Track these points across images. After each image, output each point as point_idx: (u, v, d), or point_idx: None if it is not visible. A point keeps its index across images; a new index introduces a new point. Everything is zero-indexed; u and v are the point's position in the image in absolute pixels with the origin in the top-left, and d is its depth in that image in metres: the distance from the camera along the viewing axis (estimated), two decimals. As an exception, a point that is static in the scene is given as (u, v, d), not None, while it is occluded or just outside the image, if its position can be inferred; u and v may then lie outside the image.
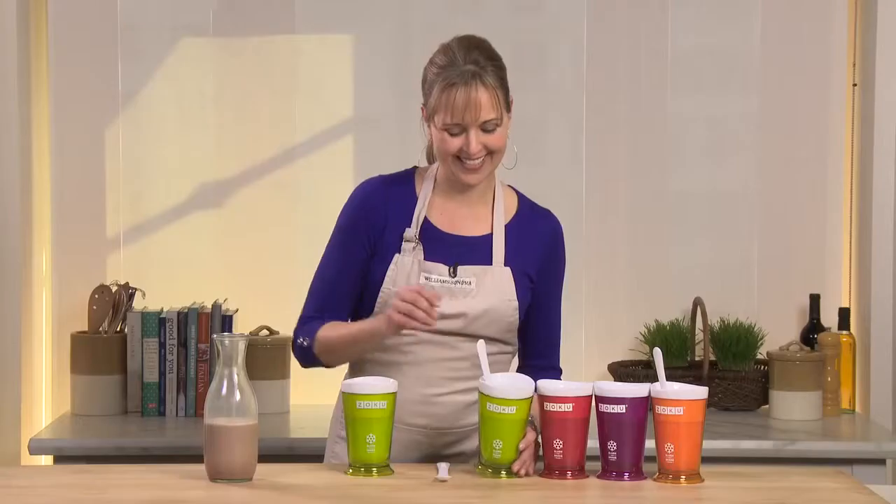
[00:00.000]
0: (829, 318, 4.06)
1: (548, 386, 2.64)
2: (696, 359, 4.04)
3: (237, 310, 3.98)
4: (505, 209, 2.94)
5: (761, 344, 4.00)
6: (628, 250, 4.17)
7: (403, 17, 4.16)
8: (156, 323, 3.89)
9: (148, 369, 3.90)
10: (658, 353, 2.64)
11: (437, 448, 2.86)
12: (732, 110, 4.19)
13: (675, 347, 3.98)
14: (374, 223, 2.88)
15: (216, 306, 3.93)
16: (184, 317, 3.90)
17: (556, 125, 4.19)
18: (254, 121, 4.13)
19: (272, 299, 4.05)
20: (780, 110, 4.16)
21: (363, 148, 4.16)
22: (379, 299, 2.85)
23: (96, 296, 3.95)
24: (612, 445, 2.60)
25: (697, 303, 3.98)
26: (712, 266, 4.15)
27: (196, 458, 2.67)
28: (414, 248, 2.86)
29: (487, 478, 2.63)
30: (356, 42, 4.15)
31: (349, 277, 2.89)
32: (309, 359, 2.91)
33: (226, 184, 4.14)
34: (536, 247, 2.93)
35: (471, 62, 2.80)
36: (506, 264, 2.88)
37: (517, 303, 2.87)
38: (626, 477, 2.60)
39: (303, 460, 3.27)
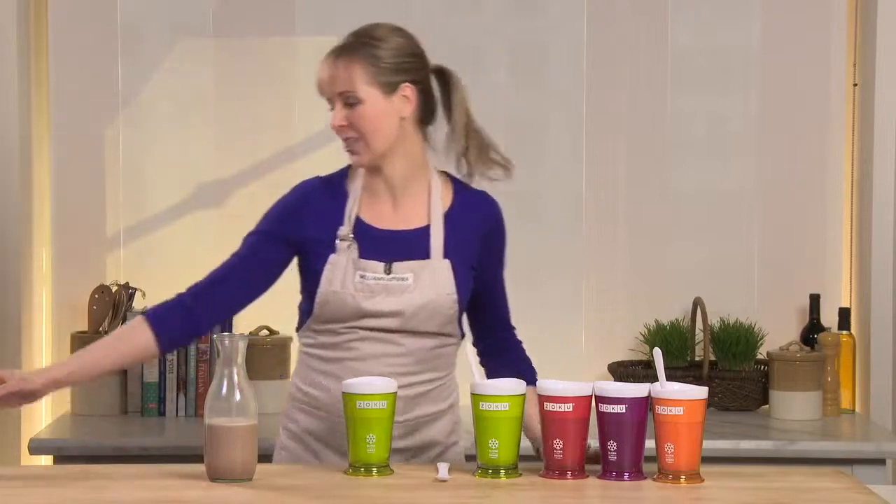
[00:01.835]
0: (829, 318, 4.06)
1: (548, 386, 2.64)
2: (696, 359, 4.04)
3: (237, 310, 3.98)
4: (441, 198, 2.92)
5: (761, 344, 4.00)
6: (628, 250, 4.17)
7: (403, 18, 4.14)
8: (156, 323, 3.89)
9: (148, 369, 3.91)
10: (658, 353, 2.64)
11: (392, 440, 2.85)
12: (732, 110, 4.20)
13: (675, 347, 3.98)
14: (306, 223, 2.89)
15: (216, 306, 3.92)
16: (184, 317, 3.90)
17: (556, 125, 4.19)
18: (253, 121, 4.13)
19: (272, 299, 4.01)
20: (780, 110, 4.16)
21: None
22: (318, 300, 2.86)
23: (96, 296, 3.95)
24: (612, 445, 2.60)
25: (697, 303, 3.98)
26: (712, 266, 4.15)
27: (196, 458, 2.67)
28: (349, 246, 2.86)
29: (487, 479, 2.63)
30: (356, 42, 4.14)
31: (245, 273, 2.89)
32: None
33: (225, 184, 4.14)
34: (475, 235, 2.92)
35: (349, 37, 2.87)
36: (445, 256, 2.87)
37: (457, 295, 2.87)
38: (626, 477, 2.60)
39: (303, 460, 3.27)
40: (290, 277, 3.75)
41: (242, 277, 2.90)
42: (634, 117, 4.16)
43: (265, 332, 3.97)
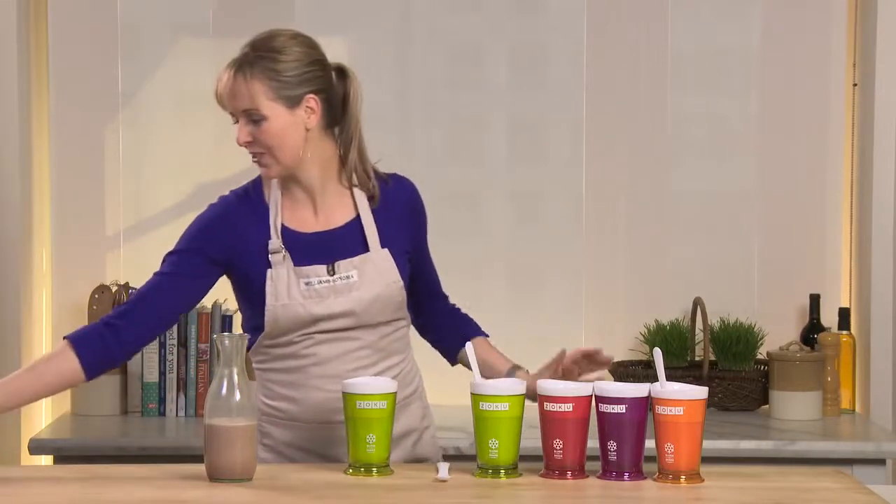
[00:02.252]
0: (829, 318, 4.06)
1: (548, 386, 2.64)
2: (696, 359, 4.04)
3: (237, 310, 3.96)
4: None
5: (761, 344, 4.00)
6: (628, 250, 4.17)
7: (403, 18, 4.16)
8: (156, 323, 3.89)
9: (148, 369, 3.91)
10: (658, 353, 2.64)
11: None
12: (732, 110, 4.20)
13: (675, 347, 3.98)
14: (229, 242, 2.85)
15: (216, 306, 3.93)
16: (183, 317, 3.90)
17: (556, 125, 4.19)
18: (254, 121, 4.12)
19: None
20: (780, 110, 4.16)
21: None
22: (267, 317, 2.83)
23: (96, 295, 3.95)
24: (612, 445, 2.60)
25: (697, 303, 3.98)
26: (712, 266, 4.15)
27: (196, 458, 2.67)
28: (283, 257, 2.83)
29: (487, 479, 2.63)
30: (355, 42, 4.15)
31: (166, 293, 2.86)
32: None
33: (225, 184, 4.12)
34: (401, 219, 2.92)
35: (246, 49, 2.80)
36: (382, 246, 2.87)
37: (402, 282, 2.87)
38: (626, 477, 2.60)
39: (303, 460, 3.27)
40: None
41: (167, 296, 2.86)
42: (634, 117, 4.16)
43: (265, 332, 3.97)
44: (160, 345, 3.89)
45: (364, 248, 2.86)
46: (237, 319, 3.96)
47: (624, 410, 2.58)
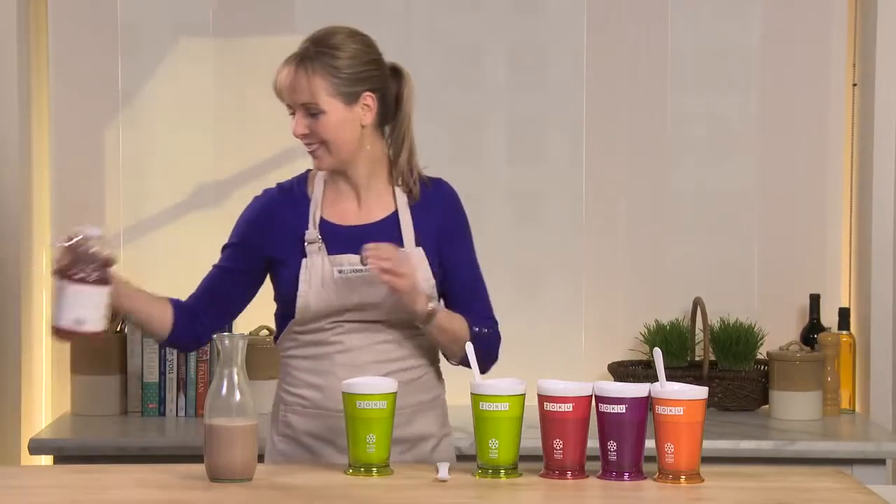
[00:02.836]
0: (829, 318, 4.06)
1: (548, 386, 2.64)
2: (696, 359, 4.04)
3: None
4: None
5: (761, 344, 4.00)
6: (628, 250, 4.17)
7: (403, 17, 4.16)
8: (156, 323, 3.89)
9: (148, 369, 3.91)
10: (658, 353, 2.64)
11: None
12: (732, 110, 4.20)
13: (675, 347, 3.98)
14: (270, 234, 2.93)
15: (216, 306, 3.92)
16: (184, 317, 3.90)
17: (556, 125, 4.19)
18: (253, 121, 4.13)
19: (272, 299, 4.04)
20: (780, 110, 4.16)
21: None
22: (299, 303, 2.88)
23: (96, 296, 3.94)
24: (612, 445, 2.60)
25: (697, 303, 3.98)
26: (712, 266, 4.15)
27: (196, 458, 2.67)
28: (318, 248, 2.89)
29: (487, 479, 2.63)
30: (356, 42, 4.14)
31: (230, 287, 2.96)
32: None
33: (225, 183, 4.14)
34: (435, 219, 2.94)
35: (308, 44, 2.89)
36: (417, 245, 2.90)
37: (434, 280, 2.90)
38: (626, 477, 2.60)
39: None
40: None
41: (227, 287, 2.97)
42: (634, 117, 4.16)
43: (265, 332, 3.97)
44: (160, 345, 3.89)
45: (399, 243, 2.88)
46: (237, 319, 3.96)
47: (624, 410, 2.58)
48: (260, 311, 4.05)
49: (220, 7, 4.13)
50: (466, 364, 2.78)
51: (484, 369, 2.83)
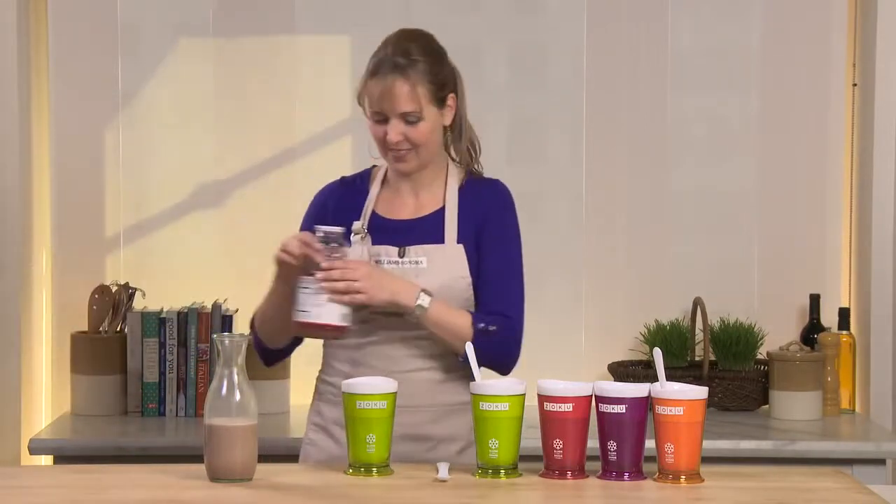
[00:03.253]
0: (829, 318, 4.06)
1: (548, 386, 2.64)
2: (696, 359, 4.04)
3: (237, 310, 3.98)
4: (458, 186, 2.98)
5: (761, 344, 4.00)
6: (628, 250, 4.17)
7: (403, 17, 4.16)
8: (156, 323, 3.89)
9: (148, 369, 3.91)
10: (658, 353, 2.64)
11: (409, 427, 2.86)
12: (732, 110, 4.20)
13: (675, 347, 3.98)
14: (327, 224, 2.92)
15: (216, 306, 3.93)
16: (184, 317, 3.90)
17: (556, 125, 4.19)
18: (253, 121, 4.13)
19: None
20: (780, 110, 4.16)
21: (362, 148, 4.14)
22: None
23: (96, 296, 3.95)
24: (612, 445, 2.60)
25: (697, 303, 3.98)
26: (712, 266, 4.15)
27: (196, 458, 2.67)
28: (362, 238, 2.92)
29: (487, 479, 2.63)
30: (355, 42, 4.15)
31: None
32: (259, 346, 2.98)
33: (225, 183, 4.14)
34: (480, 216, 2.96)
35: (400, 53, 2.87)
36: (459, 241, 2.92)
37: (471, 278, 2.91)
38: (626, 477, 2.60)
39: (303, 460, 3.27)
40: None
41: None
42: (634, 117, 4.16)
43: (265, 332, 3.96)
44: (160, 345, 3.89)
45: (440, 237, 2.91)
46: (237, 319, 3.97)
47: (624, 410, 2.58)
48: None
49: (220, 7, 4.13)
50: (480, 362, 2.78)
51: (500, 369, 2.88)
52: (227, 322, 3.92)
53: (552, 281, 4.18)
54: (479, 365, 2.73)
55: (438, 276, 2.88)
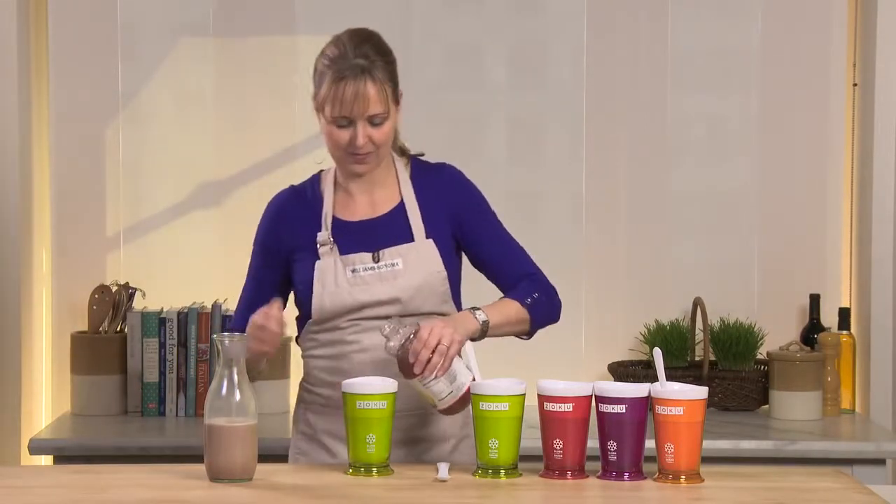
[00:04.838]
0: (829, 318, 4.06)
1: (548, 386, 2.64)
2: (696, 359, 4.04)
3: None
4: (408, 178, 2.97)
5: (761, 344, 4.00)
6: (628, 250, 4.17)
7: (403, 17, 4.16)
8: (156, 323, 3.89)
9: (148, 369, 3.91)
10: (658, 353, 2.64)
11: (401, 432, 2.85)
12: (732, 110, 4.20)
13: (675, 347, 3.98)
14: (284, 236, 2.95)
15: (216, 306, 3.93)
16: (184, 317, 3.90)
17: (556, 125, 4.19)
18: (253, 121, 4.13)
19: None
20: (780, 110, 4.16)
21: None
22: (314, 304, 2.90)
23: (96, 296, 3.95)
24: (612, 445, 2.60)
25: (697, 303, 3.98)
26: (712, 266, 4.15)
27: (196, 458, 2.67)
28: (331, 248, 2.90)
29: (487, 479, 2.63)
30: (356, 42, 4.14)
31: (267, 294, 2.91)
32: None
33: (226, 183, 4.14)
34: (443, 206, 2.95)
35: (360, 56, 2.85)
36: (427, 236, 2.91)
37: (446, 272, 2.90)
38: (626, 477, 2.60)
39: (303, 460, 3.27)
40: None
41: (268, 292, 2.92)
42: (634, 117, 4.16)
43: (265, 332, 3.96)
44: (160, 345, 3.89)
45: (408, 235, 2.91)
46: (237, 319, 3.96)
47: (624, 410, 2.59)
48: (260, 311, 4.06)
49: (220, 7, 4.13)
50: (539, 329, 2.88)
51: (555, 321, 2.95)
52: (226, 322, 3.92)
53: (552, 281, 4.16)
54: (541, 327, 2.86)
55: (416, 274, 2.88)
